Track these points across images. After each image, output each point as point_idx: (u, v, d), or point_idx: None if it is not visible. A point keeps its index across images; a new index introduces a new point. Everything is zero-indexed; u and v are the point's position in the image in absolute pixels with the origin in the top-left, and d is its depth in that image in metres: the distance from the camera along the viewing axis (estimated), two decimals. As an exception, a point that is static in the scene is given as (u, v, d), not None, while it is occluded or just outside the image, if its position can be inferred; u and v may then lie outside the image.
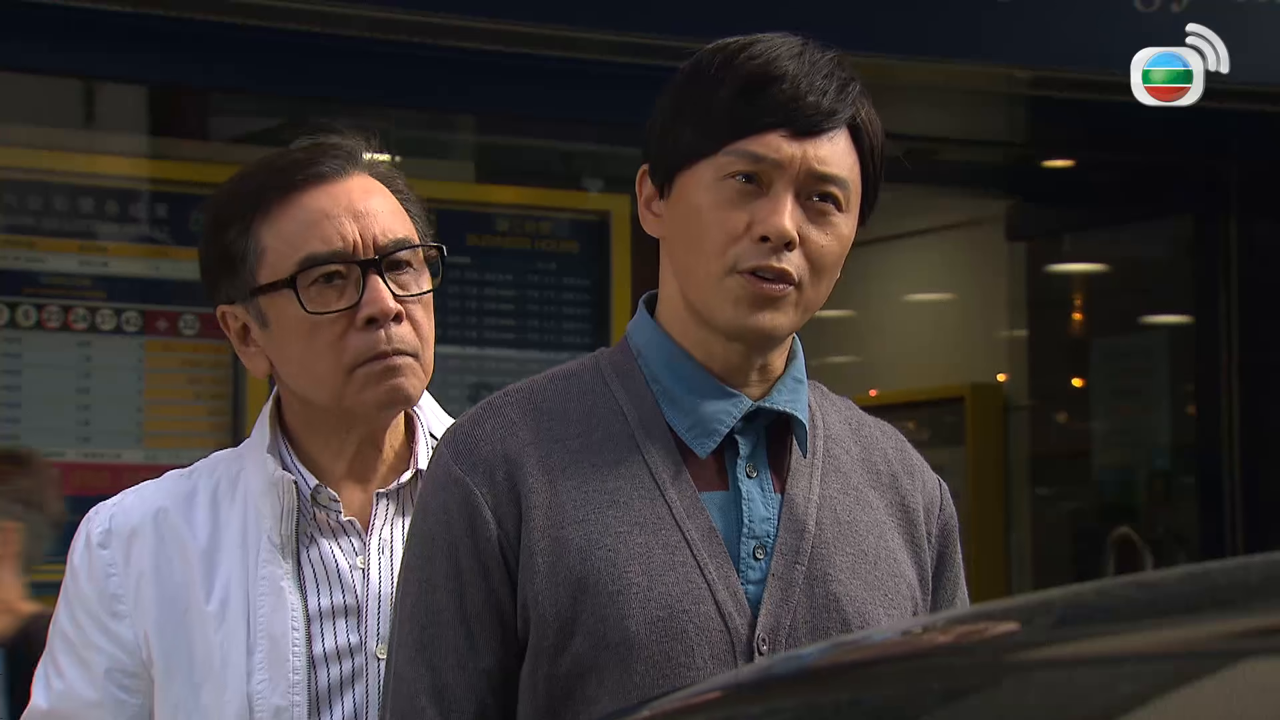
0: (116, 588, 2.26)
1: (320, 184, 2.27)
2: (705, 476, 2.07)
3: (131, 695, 2.26)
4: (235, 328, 2.31)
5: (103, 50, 5.01)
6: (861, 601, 2.06)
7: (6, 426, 5.10)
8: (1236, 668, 1.36)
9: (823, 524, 2.08)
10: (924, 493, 2.19)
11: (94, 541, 2.28)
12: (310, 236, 2.24)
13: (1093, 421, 7.78)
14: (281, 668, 2.20)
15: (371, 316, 2.22)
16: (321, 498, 2.27)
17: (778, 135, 2.02)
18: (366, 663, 2.23)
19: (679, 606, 2.00)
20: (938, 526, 2.19)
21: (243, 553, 2.25)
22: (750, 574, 2.04)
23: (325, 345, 2.23)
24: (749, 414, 2.08)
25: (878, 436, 2.20)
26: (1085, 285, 8.01)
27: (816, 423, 2.14)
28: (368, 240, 2.25)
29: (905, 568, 2.13)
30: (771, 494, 2.07)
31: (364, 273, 2.24)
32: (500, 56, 5.25)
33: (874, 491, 2.15)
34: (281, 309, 2.25)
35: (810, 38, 2.11)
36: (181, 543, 2.26)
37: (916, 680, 1.54)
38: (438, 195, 5.80)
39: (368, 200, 2.28)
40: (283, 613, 2.22)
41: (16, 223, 5.16)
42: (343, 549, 2.27)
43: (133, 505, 2.30)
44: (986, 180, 7.42)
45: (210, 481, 2.31)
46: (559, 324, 5.74)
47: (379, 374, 2.23)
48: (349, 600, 2.25)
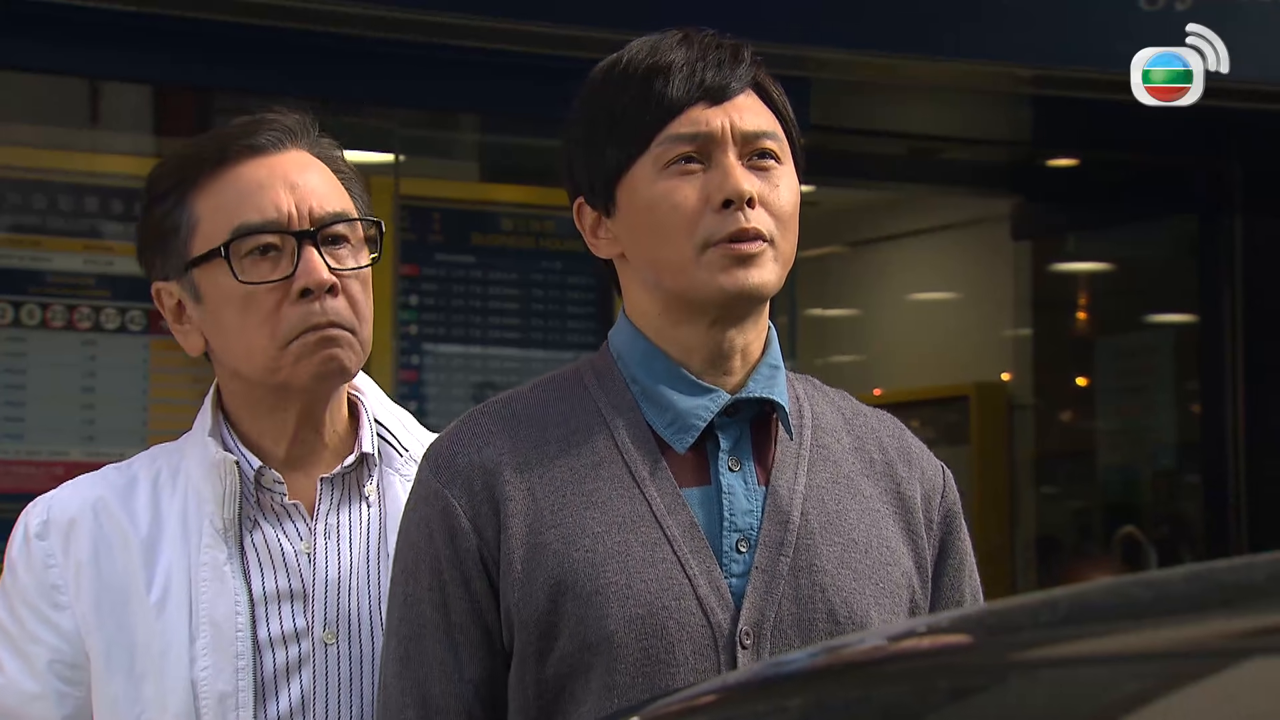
0: (56, 578, 2.23)
1: (256, 156, 2.24)
2: (687, 472, 2.08)
3: (73, 687, 2.22)
4: (170, 305, 2.28)
5: (108, 49, 5.02)
6: (849, 592, 2.06)
7: (11, 426, 5.11)
8: (1241, 667, 1.36)
9: (809, 515, 2.08)
10: (923, 480, 2.18)
11: (32, 533, 2.25)
12: (244, 206, 2.21)
13: (1097, 420, 7.78)
14: (225, 653, 2.17)
15: (306, 288, 2.20)
16: (265, 479, 2.24)
17: (698, 109, 2.07)
18: (314, 648, 2.21)
19: (658, 603, 2.01)
20: (940, 513, 2.18)
21: (184, 540, 2.22)
22: (734, 568, 2.04)
23: (260, 318, 2.20)
24: (729, 408, 2.08)
25: (874, 425, 2.20)
26: (1090, 284, 8.01)
27: (804, 413, 2.14)
28: (303, 212, 2.22)
29: (900, 556, 2.12)
30: (755, 486, 2.08)
31: (299, 245, 2.21)
32: (504, 55, 5.25)
33: (868, 480, 2.14)
34: (214, 281, 2.22)
35: (691, 28, 2.15)
36: (122, 532, 2.23)
37: (921, 680, 1.54)
38: (442, 194, 5.81)
39: (304, 174, 2.25)
40: (226, 597, 2.19)
41: (22, 222, 5.16)
42: (287, 533, 2.24)
43: (70, 496, 2.27)
44: (991, 179, 7.42)
45: (151, 471, 2.28)
46: (563, 323, 5.74)
47: (313, 344, 2.20)
48: (294, 584, 2.22)
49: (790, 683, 1.67)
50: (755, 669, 1.97)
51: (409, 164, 5.75)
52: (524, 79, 5.29)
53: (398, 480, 2.29)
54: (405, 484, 2.24)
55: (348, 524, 2.26)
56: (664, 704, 1.77)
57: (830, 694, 1.60)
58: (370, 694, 2.21)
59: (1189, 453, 7.28)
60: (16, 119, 5.34)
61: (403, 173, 5.60)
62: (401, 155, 5.72)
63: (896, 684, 1.56)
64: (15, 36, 4.88)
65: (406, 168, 5.68)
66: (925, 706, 1.49)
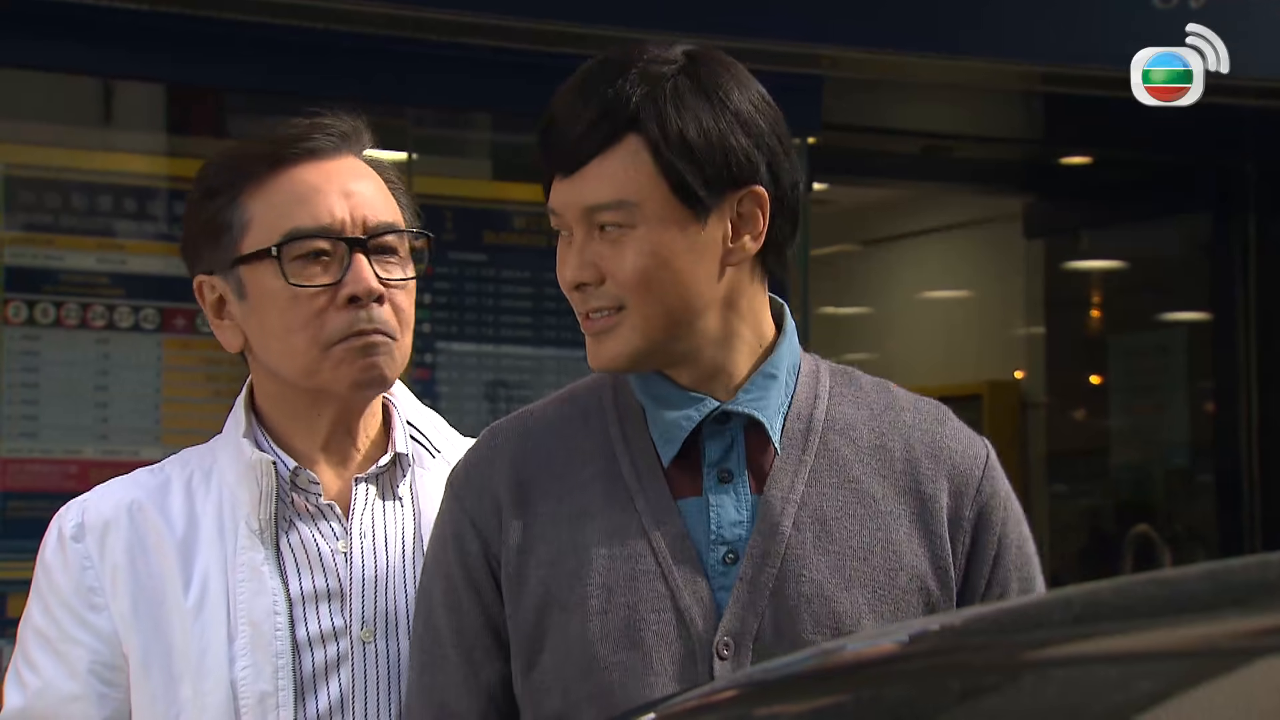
0: (93, 580, 2.23)
1: (312, 159, 2.26)
2: (683, 483, 2.08)
3: (113, 689, 2.22)
4: (211, 299, 2.30)
5: (121, 48, 5.02)
6: (837, 601, 2.04)
7: (25, 424, 5.12)
8: (1255, 666, 1.36)
9: (802, 523, 2.06)
10: (953, 476, 2.12)
11: (67, 535, 2.25)
12: (298, 210, 2.23)
13: (1110, 419, 7.77)
14: (265, 652, 2.18)
15: (354, 294, 2.21)
16: (301, 480, 2.25)
17: (556, 182, 2.10)
18: (352, 647, 2.22)
19: (636, 616, 2.02)
20: (973, 508, 2.12)
21: (220, 541, 2.22)
22: (722, 580, 2.04)
23: (304, 320, 2.21)
24: (720, 416, 2.08)
25: (906, 421, 2.15)
26: (1103, 282, 8.00)
27: (816, 415, 2.12)
28: (356, 219, 2.24)
29: (912, 559, 2.08)
30: (747, 496, 2.07)
31: (349, 252, 2.23)
32: (516, 54, 5.25)
33: (882, 481, 2.11)
34: (261, 280, 2.23)
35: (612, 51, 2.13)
36: (157, 534, 2.23)
37: (933, 679, 1.54)
38: (454, 193, 5.81)
39: (359, 181, 2.27)
40: (264, 597, 2.20)
41: (35, 220, 5.17)
42: (323, 533, 2.25)
43: (103, 498, 2.28)
44: (1004, 177, 7.41)
45: (183, 473, 2.28)
46: (575, 321, 5.73)
47: (356, 351, 2.21)
48: (331, 584, 2.23)
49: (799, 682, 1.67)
50: (767, 668, 1.97)
51: (421, 162, 5.75)
52: (536, 77, 5.29)
53: (430, 480, 2.30)
54: (438, 484, 2.25)
55: (383, 523, 2.27)
56: (677, 702, 1.77)
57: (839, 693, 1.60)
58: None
59: (1202, 451, 7.28)
60: (30, 118, 5.35)
61: (415, 171, 5.60)
62: (414, 154, 5.73)
63: (908, 684, 1.56)
64: (28, 35, 4.89)
65: (419, 166, 5.68)
66: (937, 706, 1.49)
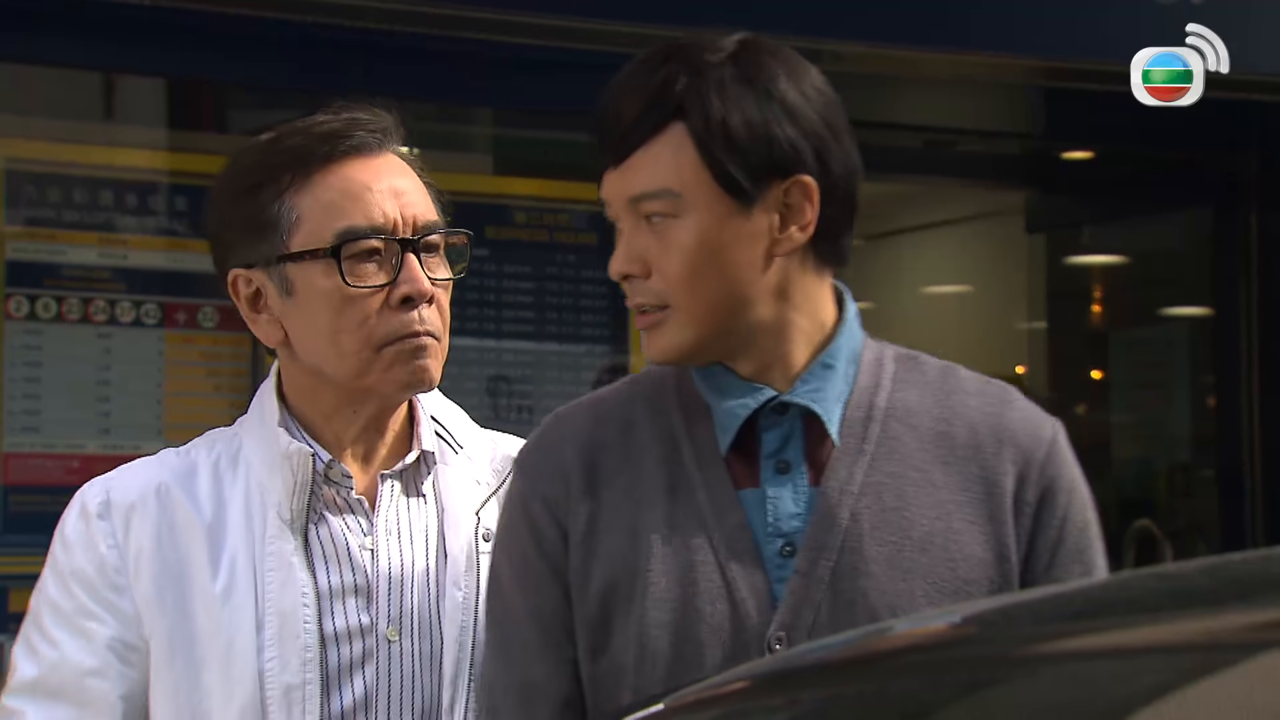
0: (116, 559, 2.21)
1: (359, 156, 2.27)
2: (745, 474, 2.07)
3: (130, 668, 2.20)
4: (247, 293, 2.26)
5: (122, 43, 5.02)
6: (895, 593, 2.02)
7: (27, 419, 5.11)
8: (1258, 660, 1.36)
9: (859, 514, 2.05)
10: (1017, 459, 2.11)
11: (91, 512, 2.23)
12: (351, 209, 2.22)
13: (1112, 414, 7.76)
14: (293, 645, 2.17)
15: (408, 295, 2.21)
16: (334, 473, 2.24)
17: (606, 173, 2.12)
18: (378, 644, 2.21)
19: (692, 606, 2.02)
20: (1036, 490, 2.11)
21: (247, 528, 2.21)
22: (780, 572, 2.04)
23: (356, 320, 2.20)
24: (779, 406, 2.07)
25: (971, 405, 2.14)
26: (1105, 277, 7.99)
27: (877, 402, 2.11)
28: (407, 219, 2.25)
29: (973, 548, 2.06)
30: (804, 488, 2.06)
31: (400, 252, 2.22)
32: (518, 49, 5.25)
33: (945, 468, 2.09)
34: (312, 279, 2.22)
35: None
36: (186, 516, 2.21)
37: (936, 672, 1.54)
38: (455, 187, 5.79)
39: (403, 179, 2.30)
40: (292, 588, 2.18)
41: (37, 215, 5.16)
42: (350, 528, 2.24)
43: (130, 478, 2.26)
44: (1006, 172, 7.40)
45: (210, 457, 2.27)
46: (577, 316, 5.74)
47: (408, 353, 2.21)
48: (359, 580, 2.22)
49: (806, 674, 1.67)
50: (775, 660, 1.97)
51: (422, 157, 5.74)
52: (538, 72, 5.29)
53: (453, 476, 2.29)
54: (460, 480, 2.25)
55: (408, 521, 2.26)
56: (687, 693, 1.77)
57: (845, 686, 1.60)
58: (431, 691, 2.22)
59: (1204, 446, 7.27)
60: (31, 112, 5.35)
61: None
62: (414, 149, 5.72)
63: (910, 677, 1.56)
64: (30, 30, 4.89)
65: (420, 160, 5.68)
66: (940, 699, 1.49)
